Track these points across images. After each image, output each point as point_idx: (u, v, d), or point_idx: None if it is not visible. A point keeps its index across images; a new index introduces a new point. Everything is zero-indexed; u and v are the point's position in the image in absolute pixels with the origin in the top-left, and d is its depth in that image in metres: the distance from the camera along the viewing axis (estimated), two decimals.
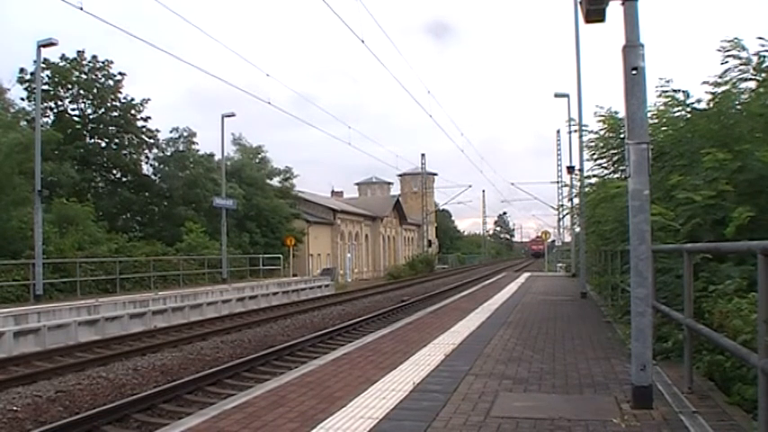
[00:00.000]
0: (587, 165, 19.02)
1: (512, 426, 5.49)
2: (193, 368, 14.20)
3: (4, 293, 21.10)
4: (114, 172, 39.96)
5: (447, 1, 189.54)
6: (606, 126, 14.28)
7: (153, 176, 41.87)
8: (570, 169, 24.50)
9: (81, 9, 16.47)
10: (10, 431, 9.33)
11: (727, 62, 9.78)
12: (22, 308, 18.24)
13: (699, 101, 10.73)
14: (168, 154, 41.76)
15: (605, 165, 15.47)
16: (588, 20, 6.40)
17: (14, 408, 10.52)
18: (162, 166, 41.56)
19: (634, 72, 5.96)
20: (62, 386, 12.08)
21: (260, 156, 50.22)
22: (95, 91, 37.49)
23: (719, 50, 9.78)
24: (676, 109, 11.23)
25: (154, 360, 14.98)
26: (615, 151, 14.03)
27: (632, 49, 5.98)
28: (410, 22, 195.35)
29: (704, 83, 10.17)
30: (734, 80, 9.86)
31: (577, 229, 25.33)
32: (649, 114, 10.35)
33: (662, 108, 11.46)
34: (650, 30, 7.04)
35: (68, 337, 17.89)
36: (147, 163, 41.68)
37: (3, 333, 15.96)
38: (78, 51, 37.10)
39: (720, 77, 9.90)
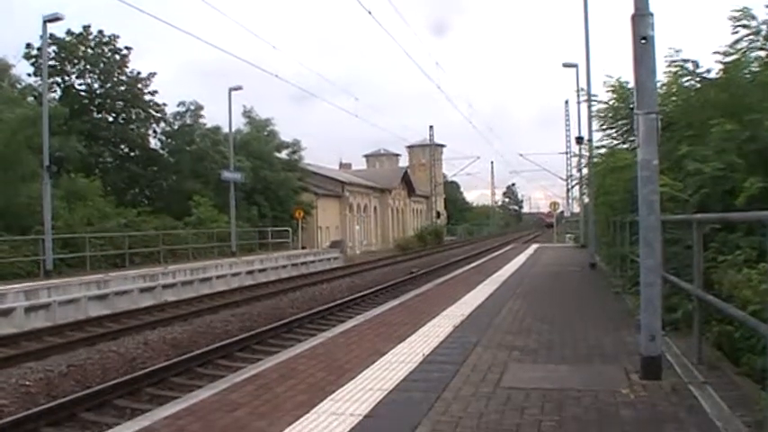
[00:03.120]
0: (596, 135, 18.91)
1: (521, 397, 5.52)
2: (203, 341, 14.29)
3: (15, 269, 21.18)
4: (122, 146, 39.77)
5: None
6: (615, 96, 14.14)
7: (160, 150, 41.79)
8: (579, 140, 24.36)
9: None
10: (23, 405, 9.42)
11: (738, 32, 9.66)
12: (32, 283, 18.36)
13: (708, 71, 10.62)
14: (176, 128, 41.67)
15: (614, 135, 15.36)
16: None
17: (27, 382, 10.62)
18: (169, 140, 41.47)
19: (643, 41, 5.89)
20: (73, 360, 12.17)
21: (268, 129, 50.00)
22: (102, 66, 37.27)
23: (730, 20, 9.67)
24: (686, 79, 11.11)
25: (164, 334, 15.09)
26: (624, 121, 13.91)
27: (641, 18, 5.90)
28: None
29: (715, 53, 10.06)
30: (744, 50, 9.74)
31: (586, 200, 25.24)
32: (659, 84, 10.25)
33: (671, 78, 11.34)
34: None
35: (79, 311, 18.00)
36: (154, 137, 41.57)
37: (14, 308, 16.10)
38: (84, 26, 36.84)
39: (731, 47, 9.78)
